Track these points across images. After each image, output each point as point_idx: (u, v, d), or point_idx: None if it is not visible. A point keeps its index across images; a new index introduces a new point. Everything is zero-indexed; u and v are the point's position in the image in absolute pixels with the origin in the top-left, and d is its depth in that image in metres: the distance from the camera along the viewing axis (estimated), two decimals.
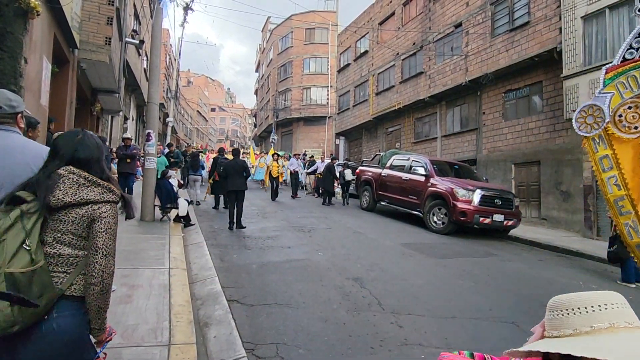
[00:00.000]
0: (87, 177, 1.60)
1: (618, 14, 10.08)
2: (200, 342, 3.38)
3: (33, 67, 5.30)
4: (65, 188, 1.54)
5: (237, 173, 8.33)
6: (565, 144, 11.77)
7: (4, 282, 1.34)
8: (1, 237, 1.39)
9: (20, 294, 1.34)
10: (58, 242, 1.53)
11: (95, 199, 1.58)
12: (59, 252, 1.52)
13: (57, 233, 1.52)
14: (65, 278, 1.52)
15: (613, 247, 6.64)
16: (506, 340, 3.82)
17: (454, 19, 16.28)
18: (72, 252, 1.55)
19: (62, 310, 1.48)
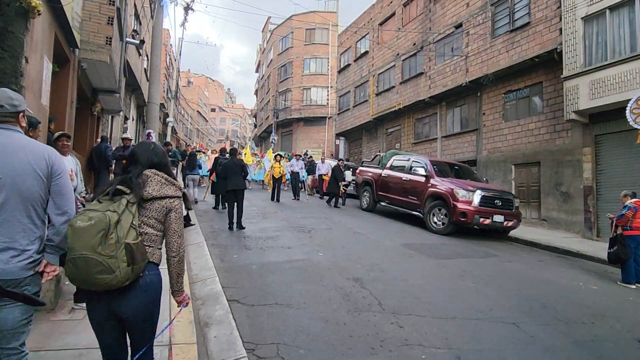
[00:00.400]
0: (167, 178, 2.20)
1: (618, 14, 10.08)
2: (200, 342, 3.38)
3: (34, 66, 5.29)
4: (153, 185, 2.12)
5: (235, 172, 8.28)
6: (566, 145, 11.78)
7: (124, 249, 1.87)
8: (119, 218, 1.89)
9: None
10: (145, 224, 2.09)
11: (171, 195, 2.16)
12: (145, 231, 2.09)
13: (144, 217, 2.09)
14: (149, 250, 2.08)
15: (613, 248, 6.59)
16: (507, 341, 3.82)
17: (455, 19, 16.29)
18: (153, 232, 2.12)
19: (150, 270, 2.08)
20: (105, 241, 1.83)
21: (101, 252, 1.82)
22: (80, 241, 1.82)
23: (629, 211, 6.52)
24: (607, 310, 5.03)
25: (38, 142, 2.12)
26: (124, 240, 1.87)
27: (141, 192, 2.05)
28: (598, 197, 10.88)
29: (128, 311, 2.02)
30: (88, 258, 1.81)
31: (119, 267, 1.85)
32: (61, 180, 2.04)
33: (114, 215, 1.88)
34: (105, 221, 1.84)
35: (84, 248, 1.81)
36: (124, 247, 1.87)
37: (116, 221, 1.88)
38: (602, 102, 10.05)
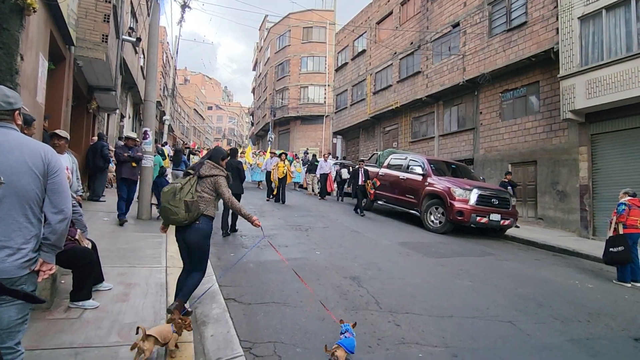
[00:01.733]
0: (214, 164, 3.71)
1: (614, 14, 10.12)
2: (197, 341, 3.37)
3: (29, 64, 5.26)
4: (205, 168, 3.63)
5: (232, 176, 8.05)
6: (562, 144, 11.83)
7: (183, 203, 3.32)
8: (182, 186, 3.40)
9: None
10: (203, 192, 3.57)
11: (216, 174, 3.65)
12: (202, 195, 3.55)
13: (201, 187, 3.57)
14: (203, 206, 3.52)
15: (617, 248, 6.48)
16: (503, 339, 3.84)
17: (452, 18, 16.30)
18: (207, 196, 3.58)
19: (202, 219, 3.52)
20: (173, 198, 3.40)
21: (172, 204, 3.40)
22: (163, 198, 3.47)
23: (625, 207, 6.57)
24: (603, 309, 5.06)
25: (34, 140, 2.10)
26: (184, 198, 3.39)
27: (199, 172, 3.61)
28: (594, 196, 10.94)
29: (188, 240, 3.56)
30: (166, 207, 3.44)
31: (179, 212, 3.38)
32: (58, 178, 2.02)
33: (179, 185, 3.46)
34: (174, 187, 3.46)
35: (164, 202, 3.45)
36: (183, 202, 3.39)
37: (180, 188, 3.43)
38: (598, 101, 10.10)
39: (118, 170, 7.74)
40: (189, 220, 3.41)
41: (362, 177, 11.71)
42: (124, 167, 7.63)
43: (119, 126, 17.68)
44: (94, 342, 3.02)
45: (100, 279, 4.03)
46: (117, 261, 5.05)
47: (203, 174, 3.58)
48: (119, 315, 3.51)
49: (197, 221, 3.48)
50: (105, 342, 3.03)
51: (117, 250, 5.56)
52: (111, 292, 4.01)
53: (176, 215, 3.37)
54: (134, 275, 4.59)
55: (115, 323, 3.36)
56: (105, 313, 3.53)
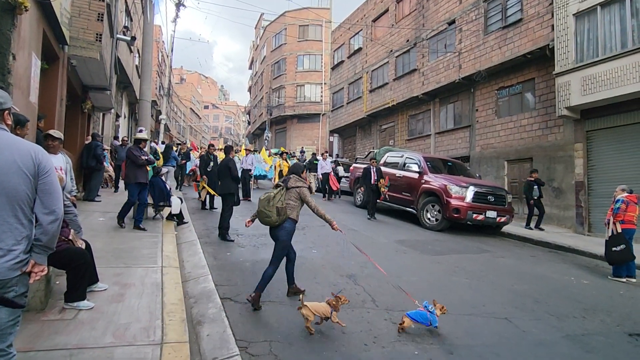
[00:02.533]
0: (298, 178, 4.49)
1: (609, 11, 10.14)
2: (193, 341, 3.36)
3: (21, 63, 5.21)
4: (291, 181, 4.39)
5: (224, 174, 7.54)
6: (558, 141, 11.86)
7: (275, 208, 4.16)
8: (275, 195, 4.21)
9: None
10: (289, 199, 4.30)
11: (301, 185, 4.38)
12: (289, 202, 4.29)
13: (288, 196, 4.31)
14: (290, 212, 4.25)
15: (619, 246, 6.45)
16: (499, 336, 3.85)
17: (447, 16, 16.30)
18: (293, 203, 4.30)
19: (288, 221, 4.25)
20: (268, 204, 4.19)
21: (267, 209, 4.19)
22: (260, 204, 4.26)
23: (622, 204, 6.57)
24: (598, 305, 5.09)
25: (25, 140, 2.08)
26: (276, 205, 4.18)
27: (287, 184, 4.39)
28: (589, 193, 10.98)
29: (277, 236, 4.32)
30: (262, 211, 4.23)
31: (272, 215, 4.18)
32: (48, 178, 2.00)
33: (272, 194, 4.25)
34: (268, 196, 4.26)
35: (261, 207, 4.24)
36: (275, 207, 4.18)
37: (273, 196, 4.22)
38: (593, 98, 10.12)
39: (131, 174, 7.15)
40: (279, 221, 4.22)
41: (375, 176, 10.84)
42: (139, 172, 7.15)
43: (115, 126, 17.59)
44: (89, 343, 3.00)
45: (95, 279, 4.01)
46: (112, 261, 5.02)
47: (290, 186, 4.39)
48: (114, 316, 3.49)
49: (285, 222, 4.26)
50: (100, 343, 3.01)
51: (112, 250, 5.53)
52: (106, 293, 3.99)
53: (269, 217, 4.20)
54: (129, 276, 4.57)
55: (110, 324, 3.34)
56: (100, 314, 3.51)
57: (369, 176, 10.79)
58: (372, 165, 11.01)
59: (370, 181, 10.77)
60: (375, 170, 10.86)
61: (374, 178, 10.76)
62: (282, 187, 4.35)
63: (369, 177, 10.81)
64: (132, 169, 7.16)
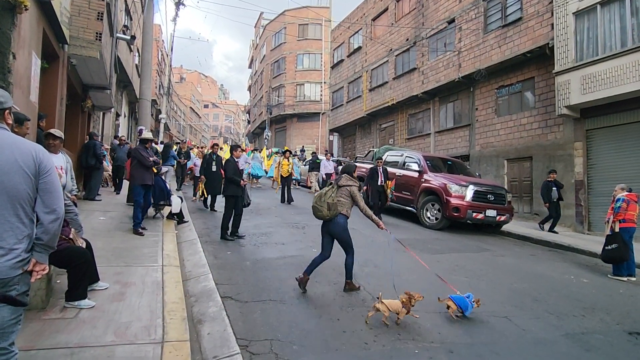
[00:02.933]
0: (349, 177, 4.90)
1: (609, 10, 10.15)
2: (194, 339, 3.37)
3: (22, 62, 5.21)
4: (342, 180, 4.85)
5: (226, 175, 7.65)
6: (557, 140, 11.87)
7: (326, 204, 4.63)
8: (326, 192, 4.75)
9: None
10: (340, 197, 4.76)
11: (351, 184, 4.82)
12: (340, 199, 4.74)
13: (339, 194, 4.78)
14: (340, 208, 4.71)
15: (611, 245, 6.50)
16: (499, 334, 3.86)
17: (447, 14, 16.29)
18: (343, 200, 4.75)
19: (340, 216, 4.71)
20: (320, 200, 4.66)
21: (318, 204, 4.66)
22: (314, 200, 4.74)
23: (623, 203, 6.56)
24: (598, 303, 5.10)
25: (25, 140, 2.09)
26: (327, 200, 4.62)
27: (338, 183, 4.85)
28: (589, 191, 10.99)
29: (330, 231, 4.76)
30: (315, 206, 4.70)
31: (323, 210, 4.63)
32: (49, 178, 2.01)
33: (323, 191, 4.76)
34: (320, 192, 4.77)
35: (314, 202, 4.72)
36: (326, 203, 4.62)
37: (324, 193, 4.72)
38: (593, 97, 10.13)
39: (138, 175, 6.87)
40: (330, 216, 4.65)
41: (382, 177, 10.26)
42: (147, 173, 6.90)
43: (115, 125, 17.58)
44: (90, 341, 3.01)
45: (96, 278, 4.02)
46: (113, 260, 5.03)
47: (341, 184, 4.84)
48: (115, 315, 3.50)
49: (336, 217, 4.69)
50: (101, 342, 3.02)
51: (113, 249, 5.54)
52: (107, 292, 4.00)
53: (321, 212, 4.68)
54: (130, 275, 4.58)
55: (111, 322, 3.35)
56: (101, 312, 3.52)
57: (376, 177, 10.29)
58: (379, 165, 10.51)
59: (377, 182, 10.26)
60: (382, 171, 10.40)
61: (381, 179, 10.28)
62: (334, 185, 4.88)
63: (375, 177, 10.30)
64: (138, 170, 6.89)
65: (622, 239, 6.45)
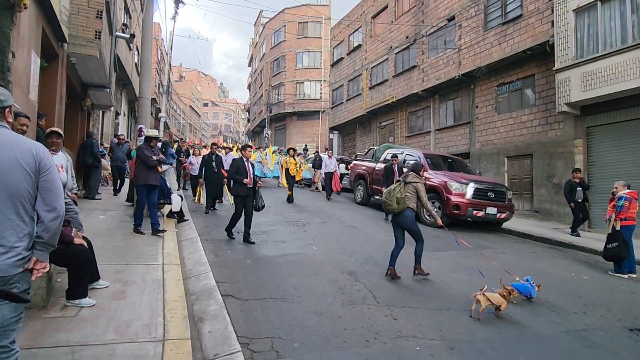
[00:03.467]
0: (416, 175, 5.56)
1: (609, 6, 10.12)
2: (194, 337, 3.37)
3: (21, 61, 5.20)
4: (410, 177, 5.51)
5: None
6: (558, 137, 11.86)
7: (395, 199, 5.32)
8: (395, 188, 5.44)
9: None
10: (407, 192, 5.40)
11: (417, 182, 5.46)
12: (407, 194, 5.38)
13: (406, 189, 5.41)
14: (408, 202, 5.35)
15: (612, 244, 6.49)
16: (499, 331, 3.86)
17: (447, 12, 16.26)
18: (409, 195, 5.39)
19: (407, 210, 5.36)
20: (389, 195, 5.37)
21: (388, 199, 5.37)
22: (383, 195, 5.54)
23: (625, 202, 6.52)
24: (599, 300, 5.10)
25: (25, 138, 2.08)
26: (396, 195, 5.28)
27: (405, 179, 5.44)
28: (590, 189, 10.97)
29: (401, 223, 5.37)
30: (385, 201, 5.45)
31: (393, 204, 5.29)
32: (49, 176, 2.01)
33: (392, 188, 5.44)
34: (389, 189, 5.46)
35: (384, 197, 5.49)
36: (395, 198, 5.27)
37: (393, 189, 5.38)
38: (593, 94, 10.11)
39: (141, 175, 6.60)
40: (398, 210, 5.30)
41: (397, 177, 9.45)
42: (151, 173, 6.61)
43: (114, 124, 17.59)
44: (91, 340, 3.01)
45: (97, 276, 4.02)
46: (113, 259, 5.03)
47: (408, 181, 5.46)
48: (116, 313, 3.50)
49: (404, 211, 5.31)
50: (102, 340, 3.03)
51: (113, 248, 5.54)
52: (107, 290, 4.00)
53: (391, 206, 5.34)
54: (130, 273, 4.58)
55: (112, 321, 3.35)
56: (102, 311, 3.52)
57: (392, 176, 9.63)
58: (394, 164, 9.92)
59: (393, 182, 9.19)
60: (397, 170, 9.82)
61: (396, 178, 9.37)
62: (401, 182, 5.49)
63: (391, 177, 9.61)
64: (141, 170, 6.61)
65: (622, 237, 6.44)
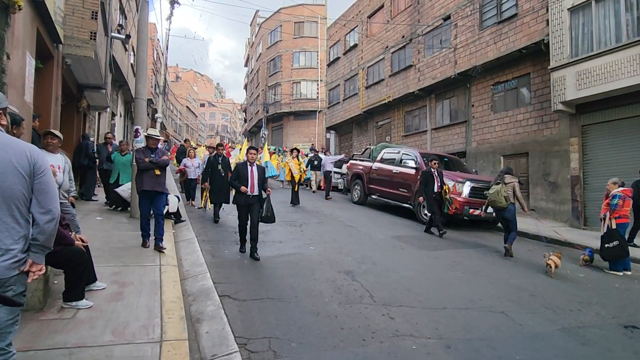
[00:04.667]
0: (511, 176, 7.40)
1: (604, 5, 10.17)
2: (192, 338, 3.37)
3: (16, 63, 5.19)
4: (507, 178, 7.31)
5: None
6: (553, 136, 11.91)
7: (503, 197, 7.12)
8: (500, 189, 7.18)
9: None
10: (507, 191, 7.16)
11: (513, 181, 7.27)
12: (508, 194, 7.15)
13: (507, 189, 7.18)
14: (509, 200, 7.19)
15: (612, 243, 6.46)
16: (495, 329, 3.88)
17: (443, 11, 16.29)
18: (510, 193, 7.19)
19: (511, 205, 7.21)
20: (497, 195, 7.14)
21: (497, 198, 7.15)
22: (491, 197, 7.28)
23: (619, 200, 6.58)
24: (594, 298, 5.14)
25: (20, 140, 2.08)
26: (503, 194, 7.08)
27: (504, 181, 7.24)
28: (585, 187, 11.04)
29: (505, 216, 7.29)
30: (494, 200, 7.22)
31: (502, 201, 7.12)
32: (44, 178, 2.01)
33: (497, 189, 7.17)
34: (496, 190, 7.19)
35: (492, 198, 7.24)
36: (502, 197, 7.08)
37: (499, 190, 7.13)
38: (588, 92, 10.16)
39: (138, 180, 6.01)
40: (505, 205, 7.06)
41: (439, 182, 8.79)
42: (146, 177, 5.85)
43: (110, 125, 17.53)
44: (88, 341, 3.01)
45: (94, 278, 4.02)
46: (110, 260, 5.03)
47: (507, 182, 7.16)
48: (113, 315, 3.50)
49: (509, 206, 7.11)
50: (100, 342, 3.03)
51: (110, 249, 5.54)
52: (105, 292, 4.00)
53: (501, 203, 7.10)
54: (127, 274, 4.58)
55: (109, 322, 3.35)
56: (99, 313, 3.52)
57: (432, 181, 8.68)
58: (434, 168, 8.83)
59: (433, 189, 8.62)
60: (437, 174, 8.83)
61: (437, 185, 8.72)
62: (501, 183, 7.18)
63: (431, 182, 8.67)
64: (138, 174, 6.01)
65: (621, 235, 6.48)
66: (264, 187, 6.22)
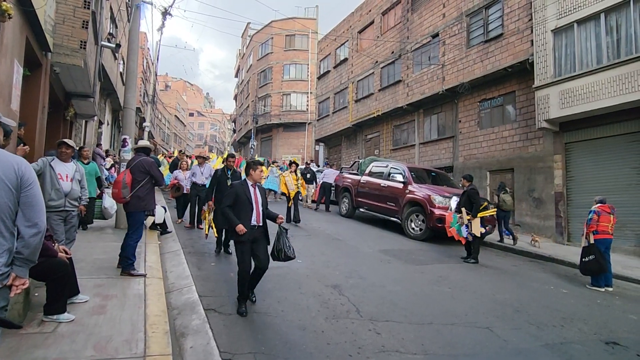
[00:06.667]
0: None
1: (585, 28, 10.53)
2: (176, 353, 3.32)
3: (3, 70, 5.14)
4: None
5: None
6: (538, 152, 12.17)
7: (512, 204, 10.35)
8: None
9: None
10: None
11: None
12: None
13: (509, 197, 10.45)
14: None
15: (589, 257, 6.66)
16: (480, 345, 3.91)
17: (431, 29, 16.65)
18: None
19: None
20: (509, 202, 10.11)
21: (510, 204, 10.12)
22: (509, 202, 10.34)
23: (594, 215, 6.79)
24: (576, 313, 5.21)
25: (7, 153, 2.06)
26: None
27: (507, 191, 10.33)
28: (568, 203, 11.26)
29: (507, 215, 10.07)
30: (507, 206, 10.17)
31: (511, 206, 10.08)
32: (31, 191, 1.99)
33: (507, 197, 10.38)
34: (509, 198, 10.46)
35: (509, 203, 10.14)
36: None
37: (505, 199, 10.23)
38: (571, 111, 10.45)
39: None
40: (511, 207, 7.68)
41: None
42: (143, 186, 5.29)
43: (97, 133, 17.34)
44: (69, 356, 2.95)
45: (76, 291, 3.94)
46: (93, 272, 4.94)
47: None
48: (95, 329, 3.43)
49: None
50: (81, 357, 2.96)
51: (93, 261, 5.44)
52: (87, 305, 3.93)
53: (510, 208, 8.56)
54: (111, 287, 4.50)
55: (91, 336, 3.29)
56: (81, 326, 3.45)
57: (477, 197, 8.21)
58: (466, 187, 8.30)
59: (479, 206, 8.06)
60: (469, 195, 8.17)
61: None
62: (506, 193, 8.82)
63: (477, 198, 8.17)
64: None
65: (598, 250, 6.62)
66: (269, 215, 4.69)
